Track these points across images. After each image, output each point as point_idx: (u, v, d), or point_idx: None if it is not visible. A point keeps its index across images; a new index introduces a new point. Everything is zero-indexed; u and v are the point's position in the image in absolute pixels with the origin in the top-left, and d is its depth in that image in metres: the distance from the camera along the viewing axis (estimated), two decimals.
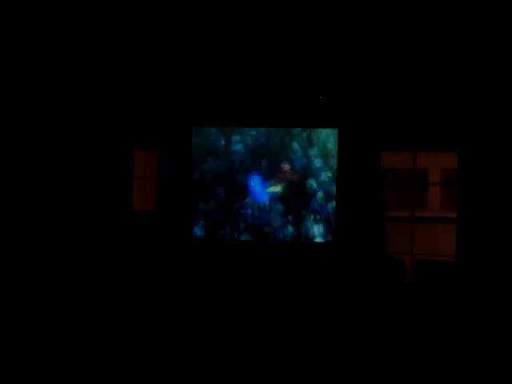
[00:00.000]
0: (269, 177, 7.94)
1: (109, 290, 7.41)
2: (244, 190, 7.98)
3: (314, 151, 7.89)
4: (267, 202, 7.91)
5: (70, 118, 7.85)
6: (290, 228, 7.92)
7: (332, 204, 7.86)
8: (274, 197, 7.91)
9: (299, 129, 7.92)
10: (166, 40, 7.77)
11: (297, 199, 7.91)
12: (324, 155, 7.88)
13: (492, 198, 7.55)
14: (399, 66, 7.75)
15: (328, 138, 7.88)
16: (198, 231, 8.03)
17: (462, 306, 6.85)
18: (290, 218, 7.92)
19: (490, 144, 7.60)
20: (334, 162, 7.86)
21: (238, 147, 7.98)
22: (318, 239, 7.88)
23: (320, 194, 7.87)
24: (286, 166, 7.93)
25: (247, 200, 7.97)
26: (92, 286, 7.45)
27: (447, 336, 6.20)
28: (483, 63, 7.55)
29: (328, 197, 7.86)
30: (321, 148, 7.89)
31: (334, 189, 7.85)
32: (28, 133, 7.67)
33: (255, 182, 7.94)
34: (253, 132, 7.96)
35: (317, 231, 7.87)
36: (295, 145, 7.92)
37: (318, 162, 7.88)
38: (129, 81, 7.98)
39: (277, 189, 7.91)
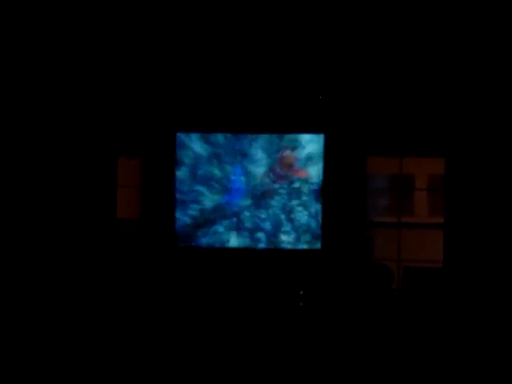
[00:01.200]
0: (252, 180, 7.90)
1: (93, 299, 7.34)
2: (226, 196, 7.92)
3: (299, 156, 7.83)
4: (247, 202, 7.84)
5: (52, 127, 7.79)
6: (275, 235, 7.84)
7: (317, 210, 7.79)
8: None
9: (286, 134, 7.86)
10: (148, 49, 7.74)
11: (282, 205, 7.84)
12: (309, 160, 7.82)
13: (479, 203, 7.54)
14: (385, 71, 7.74)
15: (313, 143, 7.82)
16: (182, 238, 7.95)
17: (450, 313, 6.84)
18: (275, 224, 7.85)
19: (477, 149, 7.60)
20: (319, 167, 7.80)
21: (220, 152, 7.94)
22: (304, 246, 7.81)
23: (305, 200, 7.81)
24: (272, 171, 7.88)
25: (231, 206, 7.91)
26: (76, 294, 7.38)
27: (435, 342, 6.19)
28: (470, 69, 7.55)
29: (313, 202, 7.80)
30: (306, 153, 7.83)
31: (319, 194, 7.79)
32: (9, 142, 7.60)
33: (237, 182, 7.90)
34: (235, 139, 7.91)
35: (302, 237, 7.81)
36: (281, 150, 7.87)
37: (303, 168, 7.82)
38: (111, 87, 7.92)
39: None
